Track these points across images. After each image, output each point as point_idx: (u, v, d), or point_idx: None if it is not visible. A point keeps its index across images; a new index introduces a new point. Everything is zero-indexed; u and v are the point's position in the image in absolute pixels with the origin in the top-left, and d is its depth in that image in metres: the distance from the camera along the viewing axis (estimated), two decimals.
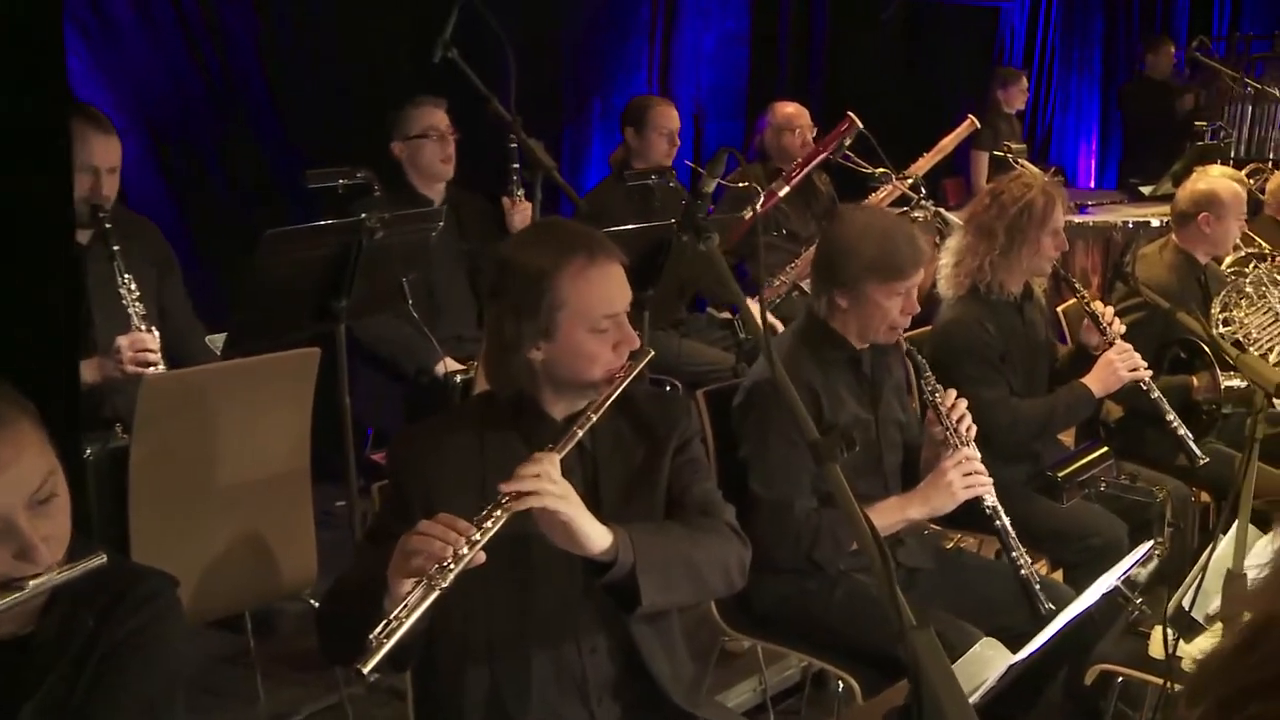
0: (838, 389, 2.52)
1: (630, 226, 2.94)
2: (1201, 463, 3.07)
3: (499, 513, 1.58)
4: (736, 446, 2.50)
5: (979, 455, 2.46)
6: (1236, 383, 3.33)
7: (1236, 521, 2.13)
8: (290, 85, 4.29)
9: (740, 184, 4.03)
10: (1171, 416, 3.10)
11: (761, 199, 4.08)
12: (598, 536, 1.67)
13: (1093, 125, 9.39)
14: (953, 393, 2.52)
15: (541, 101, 4.94)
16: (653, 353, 1.88)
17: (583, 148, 5.45)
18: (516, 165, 3.31)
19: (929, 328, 3.22)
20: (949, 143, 4.54)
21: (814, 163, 4.30)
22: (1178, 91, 8.12)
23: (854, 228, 2.48)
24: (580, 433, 1.72)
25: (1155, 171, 6.88)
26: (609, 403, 1.78)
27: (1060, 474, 2.55)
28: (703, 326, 4.17)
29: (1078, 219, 6.18)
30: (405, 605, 1.47)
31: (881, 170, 4.19)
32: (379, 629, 1.44)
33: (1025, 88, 7.07)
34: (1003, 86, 6.93)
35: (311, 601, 2.90)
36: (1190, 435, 3.11)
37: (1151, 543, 2.25)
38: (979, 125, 4.72)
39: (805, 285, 3.94)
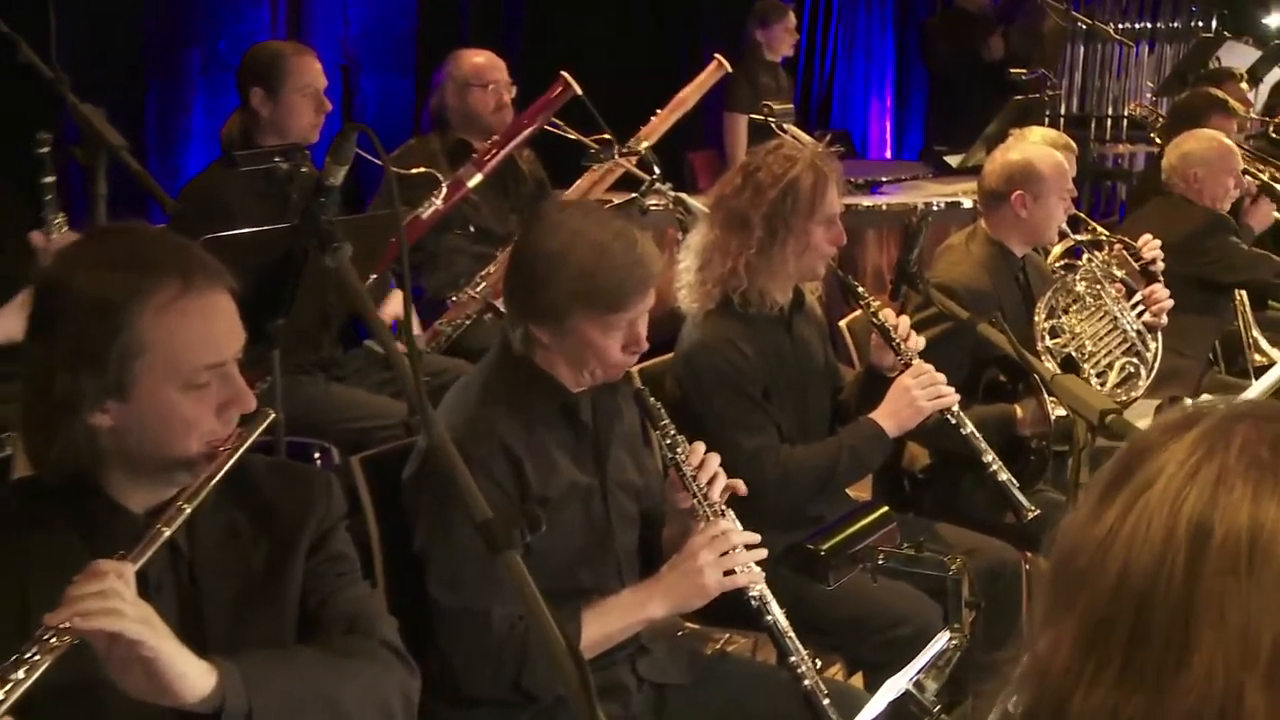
0: (547, 448, 2.59)
1: (245, 231, 2.92)
2: (1030, 516, 3.33)
3: (38, 654, 1.55)
4: (411, 534, 2.53)
5: (738, 527, 2.58)
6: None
7: None
8: None
9: (414, 169, 4.07)
10: (990, 458, 3.35)
11: (443, 193, 4.14)
12: (195, 677, 1.65)
13: (887, 76, 10.03)
14: (699, 447, 2.63)
15: (109, 50, 4.80)
16: (274, 415, 1.90)
17: (176, 117, 5.33)
18: (47, 150, 3.17)
19: (668, 355, 3.36)
20: (690, 94, 4.76)
21: (516, 141, 4.40)
22: (991, 28, 8.79)
23: (557, 238, 2.54)
24: (168, 531, 1.72)
25: (967, 136, 7.41)
26: (210, 487, 1.78)
27: (823, 546, 2.69)
28: (362, 366, 4.18)
29: (868, 201, 6.62)
30: None
31: (602, 137, 4.33)
32: None
33: (794, 28, 7.46)
34: (763, 26, 7.30)
35: None
36: (1015, 482, 3.38)
37: (947, 633, 2.43)
38: (730, 70, 4.96)
39: (502, 304, 4.03)
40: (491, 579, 2.43)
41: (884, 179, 7.29)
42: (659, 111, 4.74)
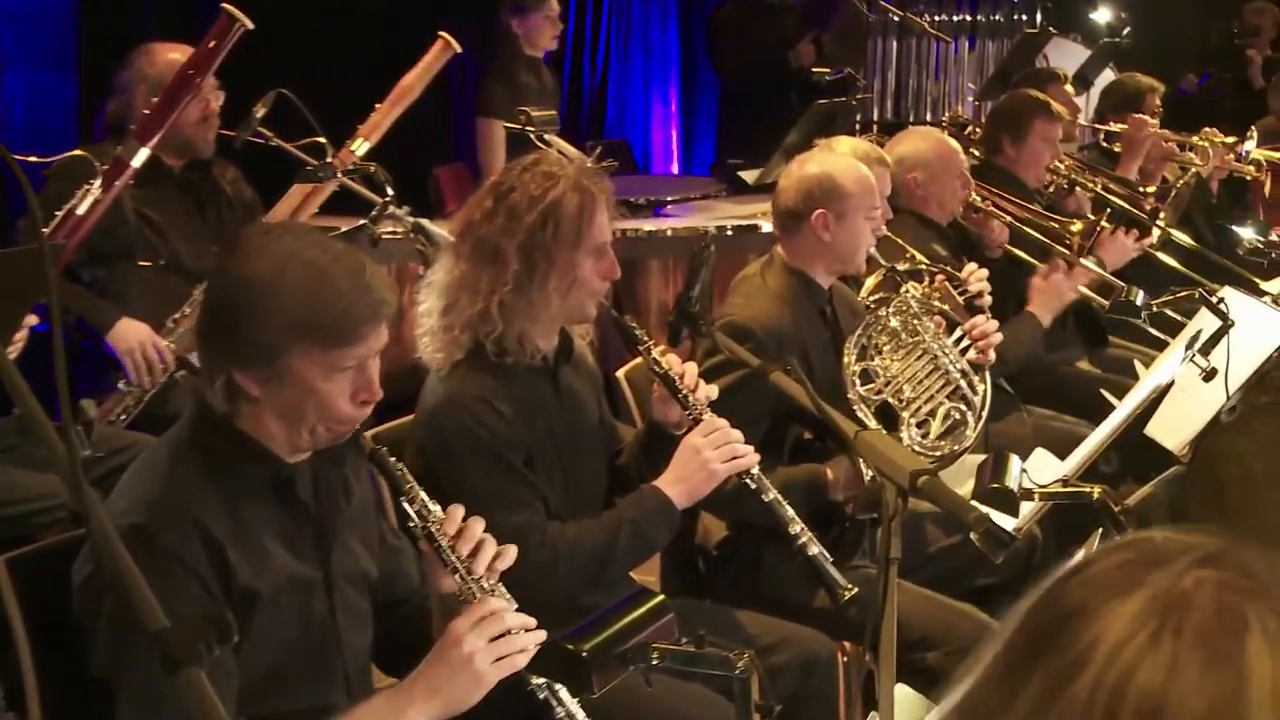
0: (256, 532, 2.55)
1: None
2: (847, 596, 3.34)
3: None
4: (82, 653, 2.43)
5: (512, 605, 2.57)
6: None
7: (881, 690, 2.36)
8: None
9: (81, 188, 3.90)
10: (797, 528, 3.35)
11: (99, 183, 3.93)
12: None
13: (672, 77, 10.15)
14: (456, 511, 2.62)
15: None
16: None
17: None
18: None
19: (408, 418, 3.32)
20: (414, 80, 4.70)
21: (184, 102, 4.15)
22: (795, 29, 8.96)
23: (265, 263, 2.52)
24: None
25: (766, 147, 7.52)
26: None
27: (584, 646, 2.66)
28: (14, 440, 3.99)
29: (650, 225, 6.69)
30: None
31: (317, 141, 4.24)
32: None
33: (558, 17, 7.44)
34: (519, 15, 7.26)
35: None
36: (828, 556, 3.39)
37: None
38: (459, 49, 4.90)
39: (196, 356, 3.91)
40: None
41: (669, 198, 7.37)
42: (379, 105, 4.70)
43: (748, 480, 3.34)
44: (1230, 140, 6.77)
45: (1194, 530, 1.07)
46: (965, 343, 4.29)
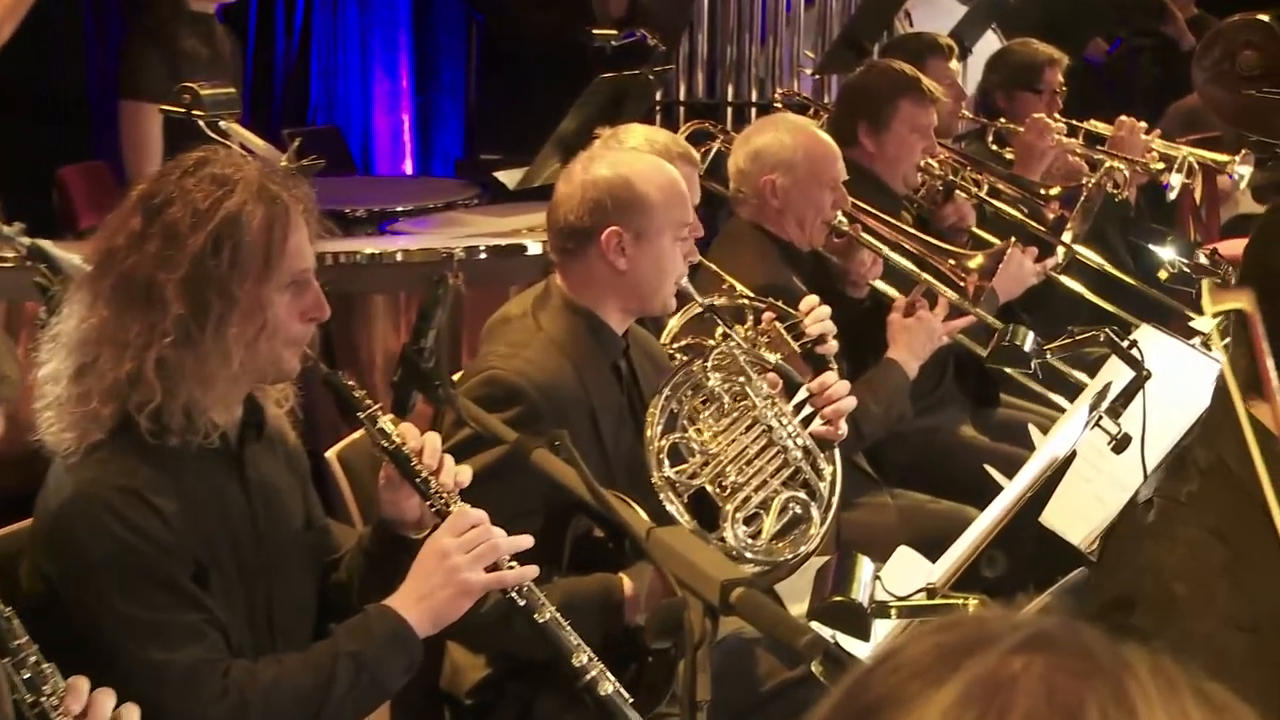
0: None
1: None
2: None
3: None
4: None
5: None
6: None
7: None
8: None
9: None
10: (584, 659, 3.31)
11: None
12: None
13: (402, 40, 10.15)
14: (80, 684, 2.63)
15: None
16: None
17: None
18: None
19: (26, 522, 3.28)
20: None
21: None
22: None
23: None
24: None
25: (532, 138, 7.54)
26: None
27: None
28: None
29: (372, 247, 6.65)
30: None
31: None
32: None
33: None
34: None
35: None
36: (626, 695, 3.37)
37: None
38: None
39: None
40: None
41: (400, 208, 7.39)
42: None
43: (515, 596, 3.32)
44: (1157, 165, 6.93)
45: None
46: (809, 409, 4.32)
